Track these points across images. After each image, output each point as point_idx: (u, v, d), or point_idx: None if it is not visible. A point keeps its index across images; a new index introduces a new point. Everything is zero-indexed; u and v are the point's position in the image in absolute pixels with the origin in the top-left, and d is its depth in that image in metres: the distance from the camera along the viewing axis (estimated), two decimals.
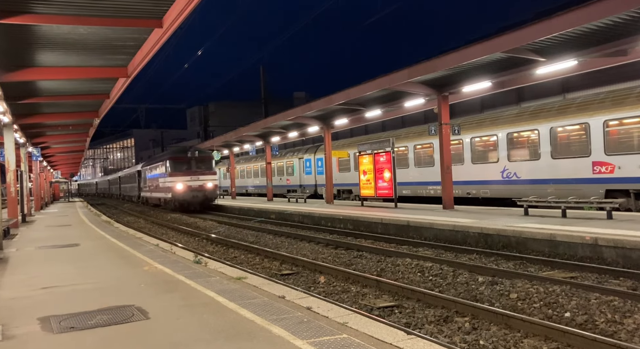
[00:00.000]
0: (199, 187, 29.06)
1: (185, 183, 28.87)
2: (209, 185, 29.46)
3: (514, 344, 5.58)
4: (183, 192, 28.71)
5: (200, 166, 29.83)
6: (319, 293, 8.27)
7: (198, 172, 29.47)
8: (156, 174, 33.64)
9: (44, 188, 40.19)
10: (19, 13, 9.30)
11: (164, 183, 30.91)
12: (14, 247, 12.49)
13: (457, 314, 6.71)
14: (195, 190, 28.90)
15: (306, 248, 13.20)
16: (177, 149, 32.38)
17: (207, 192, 29.21)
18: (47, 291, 7.09)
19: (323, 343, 4.35)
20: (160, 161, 32.32)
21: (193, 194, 28.77)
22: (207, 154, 31.06)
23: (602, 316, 6.25)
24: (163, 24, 10.35)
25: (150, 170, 36.25)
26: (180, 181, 28.90)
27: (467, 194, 20.23)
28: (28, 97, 16.35)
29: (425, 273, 9.26)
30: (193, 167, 29.61)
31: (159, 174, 32.36)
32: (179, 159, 29.89)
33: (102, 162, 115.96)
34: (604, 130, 15.21)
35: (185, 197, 28.71)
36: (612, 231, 10.18)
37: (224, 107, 75.98)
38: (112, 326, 5.15)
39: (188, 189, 28.78)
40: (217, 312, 5.55)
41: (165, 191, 30.63)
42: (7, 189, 18.86)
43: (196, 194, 28.85)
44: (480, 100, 26.49)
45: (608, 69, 14.63)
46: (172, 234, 18.75)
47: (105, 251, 11.31)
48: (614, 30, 11.49)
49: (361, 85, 18.42)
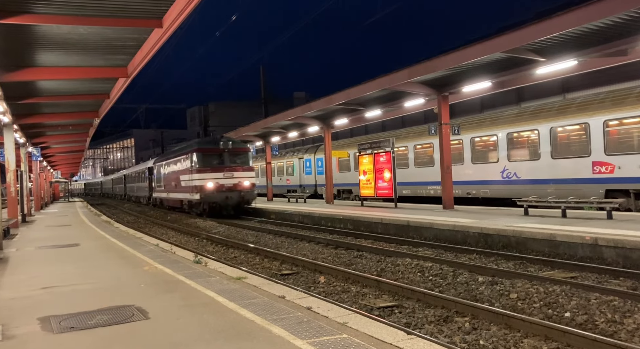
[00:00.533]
0: (233, 187, 23.65)
1: (216, 181, 23.45)
2: (246, 183, 23.96)
3: (514, 344, 5.58)
4: (214, 192, 23.35)
5: (235, 159, 24.33)
6: (319, 293, 8.27)
7: (232, 167, 24.01)
8: (175, 170, 28.02)
9: (44, 188, 40.19)
10: (18, 13, 9.29)
11: (188, 181, 25.11)
12: (14, 247, 12.49)
13: (457, 314, 6.71)
14: (229, 190, 23.55)
15: (306, 248, 13.20)
16: (205, 139, 26.99)
17: (243, 192, 23.76)
18: (47, 291, 7.09)
19: (323, 343, 4.35)
20: (183, 154, 26.51)
21: (226, 194, 23.40)
22: (243, 146, 25.63)
23: (602, 316, 6.25)
24: (163, 24, 10.35)
25: (167, 166, 30.51)
26: (211, 179, 23.44)
27: (467, 194, 20.23)
28: (28, 97, 16.35)
29: (425, 272, 9.26)
30: (226, 161, 24.06)
31: (181, 171, 26.55)
32: (209, 151, 24.27)
33: (102, 162, 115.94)
34: (604, 130, 15.21)
35: (217, 199, 23.30)
36: (612, 231, 10.18)
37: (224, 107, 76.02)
38: (112, 326, 5.15)
39: (220, 189, 23.41)
40: (217, 312, 5.55)
41: (189, 191, 24.93)
42: (7, 189, 18.86)
43: (230, 195, 23.43)
44: (480, 100, 26.49)
45: (608, 69, 14.63)
46: (172, 234, 18.75)
47: (105, 251, 11.31)
48: (613, 30, 11.49)
49: (361, 85, 18.43)
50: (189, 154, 25.02)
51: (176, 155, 28.59)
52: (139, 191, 43.86)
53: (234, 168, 24.08)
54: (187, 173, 25.19)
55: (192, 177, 24.51)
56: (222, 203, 23.40)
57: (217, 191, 23.40)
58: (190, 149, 25.28)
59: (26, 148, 23.97)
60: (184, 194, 26.19)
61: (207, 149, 24.56)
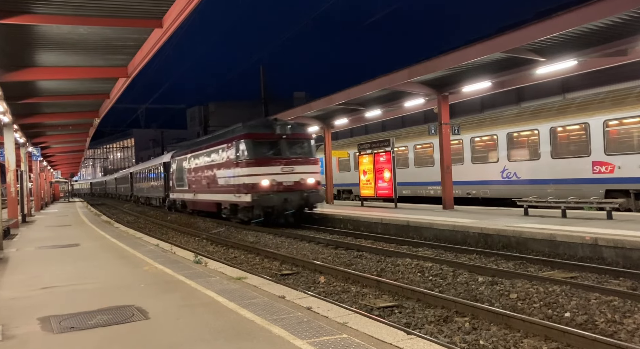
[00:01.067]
0: (294, 185, 17.98)
1: (273, 178, 17.69)
2: (310, 181, 18.30)
3: (514, 344, 5.58)
4: (270, 193, 17.53)
5: (295, 149, 18.68)
6: (319, 293, 8.27)
7: (292, 160, 18.25)
8: (209, 164, 22.10)
9: (44, 188, 40.19)
10: (18, 13, 9.29)
11: (231, 179, 19.26)
12: (14, 247, 12.49)
13: (457, 314, 6.71)
14: (288, 190, 17.80)
15: (306, 248, 13.20)
16: (254, 122, 20.04)
17: (306, 192, 17.99)
18: (47, 291, 7.09)
19: (323, 343, 4.35)
20: (222, 142, 20.55)
21: (285, 196, 17.50)
22: (304, 131, 19.92)
23: (602, 316, 6.25)
24: (163, 24, 10.35)
25: (194, 159, 24.35)
26: (266, 175, 17.70)
27: (467, 194, 20.23)
28: (28, 97, 16.35)
29: (425, 272, 9.26)
30: (284, 151, 18.32)
31: (219, 164, 20.69)
32: (261, 137, 18.43)
33: (102, 162, 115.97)
34: (604, 130, 15.21)
35: (274, 202, 17.39)
36: (612, 231, 10.18)
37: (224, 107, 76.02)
38: (112, 326, 5.15)
39: (278, 189, 17.70)
40: (217, 312, 5.55)
41: (233, 191, 19.02)
42: (7, 189, 18.87)
43: (290, 197, 17.56)
44: (480, 100, 26.51)
45: (608, 69, 14.64)
46: (172, 234, 18.75)
47: (106, 251, 11.31)
48: (613, 30, 11.49)
49: (361, 85, 18.43)
50: (233, 141, 19.02)
51: (210, 144, 22.21)
52: (150, 191, 37.52)
53: (294, 161, 18.24)
54: (230, 167, 19.32)
55: (238, 172, 18.57)
56: (280, 207, 17.48)
57: (274, 191, 17.61)
58: (235, 134, 19.24)
59: (26, 148, 23.97)
60: (224, 196, 20.05)
61: (260, 135, 18.42)
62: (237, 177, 18.62)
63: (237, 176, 18.66)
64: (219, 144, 20.84)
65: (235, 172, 18.86)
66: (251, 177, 17.86)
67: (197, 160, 24.06)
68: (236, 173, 18.74)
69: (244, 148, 18.36)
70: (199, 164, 23.62)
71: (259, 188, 17.64)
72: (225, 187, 19.99)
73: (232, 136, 19.59)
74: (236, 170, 18.75)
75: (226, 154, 19.85)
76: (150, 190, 37.54)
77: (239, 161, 18.59)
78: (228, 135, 20.41)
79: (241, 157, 18.46)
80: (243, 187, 18.14)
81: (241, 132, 18.91)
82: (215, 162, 21.29)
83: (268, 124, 19.04)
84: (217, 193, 21.01)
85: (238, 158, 18.64)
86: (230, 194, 19.43)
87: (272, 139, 18.43)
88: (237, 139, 18.87)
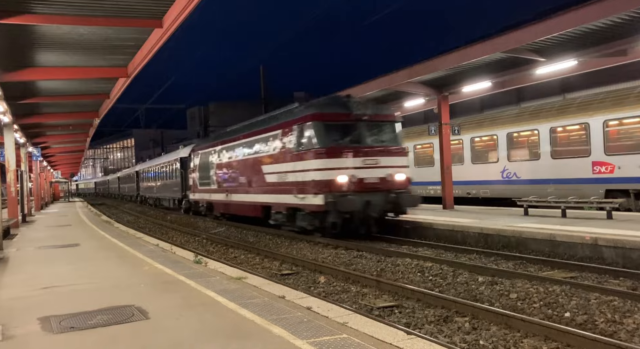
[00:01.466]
0: (380, 183, 13.57)
1: (352, 174, 13.28)
2: (399, 178, 13.87)
3: (514, 344, 5.58)
4: (348, 193, 13.06)
5: (379, 135, 14.19)
6: (319, 293, 8.27)
7: (376, 149, 13.82)
8: (251, 156, 17.52)
9: (44, 188, 40.19)
10: (19, 13, 9.29)
11: (288, 175, 14.76)
12: (14, 247, 12.49)
13: (457, 314, 6.71)
14: (372, 189, 13.41)
15: (306, 248, 13.20)
16: (325, 100, 15.43)
17: (394, 193, 13.52)
18: (47, 291, 7.09)
19: (323, 343, 4.35)
20: (274, 128, 15.87)
21: (369, 198, 13.10)
22: (387, 111, 15.06)
23: (602, 316, 6.25)
24: (163, 24, 10.35)
25: (226, 152, 19.90)
26: (342, 170, 13.28)
27: (467, 194, 20.23)
28: (28, 97, 16.35)
29: (425, 272, 9.26)
30: (364, 138, 13.82)
31: (268, 156, 16.07)
32: (335, 118, 13.85)
33: (102, 162, 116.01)
34: (604, 130, 15.22)
35: (355, 205, 12.88)
36: (612, 231, 10.18)
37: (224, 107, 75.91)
38: (112, 326, 5.15)
39: (357, 187, 13.24)
40: (217, 312, 5.55)
41: (292, 192, 14.42)
42: (7, 189, 18.86)
43: (375, 199, 13.17)
44: (480, 100, 26.49)
45: (608, 69, 14.64)
46: (172, 234, 18.75)
47: (106, 251, 11.31)
48: (614, 30, 11.49)
49: (361, 85, 18.43)
50: (293, 125, 14.38)
51: (252, 132, 17.74)
52: (162, 191, 32.83)
53: (378, 150, 13.70)
54: (287, 159, 14.75)
55: (301, 166, 13.91)
56: (362, 213, 13.03)
57: (353, 191, 13.01)
58: (295, 116, 14.63)
59: (26, 148, 23.97)
60: (276, 197, 15.44)
61: (334, 116, 13.75)
62: (300, 173, 13.98)
63: (299, 171, 14.04)
64: (268, 131, 16.30)
65: (296, 166, 14.25)
66: (324, 172, 13.19)
67: (231, 152, 19.62)
68: (298, 167, 14.10)
69: (311, 134, 13.59)
70: (235, 158, 19.08)
71: (334, 187, 13.00)
72: (277, 186, 15.41)
73: (291, 119, 14.84)
74: (298, 163, 14.10)
75: (280, 143, 15.29)
76: (162, 190, 32.79)
77: (302, 150, 13.94)
78: (282, 118, 15.76)
79: (307, 145, 13.75)
80: (311, 185, 13.46)
81: (306, 112, 14.13)
82: (261, 154, 16.70)
83: (342, 102, 14.32)
84: (264, 193, 16.36)
85: (301, 147, 14.00)
86: (286, 195, 14.73)
87: (348, 121, 13.69)
88: (299, 122, 14.11)
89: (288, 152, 14.82)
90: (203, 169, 23.22)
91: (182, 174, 27.56)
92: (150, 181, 37.99)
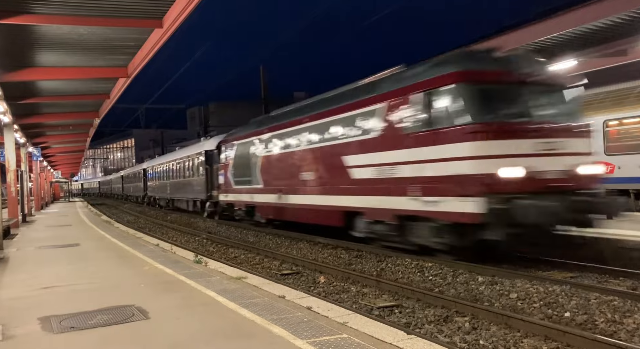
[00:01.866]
0: (562, 179, 8.87)
1: (527, 164, 8.60)
2: (587, 170, 9.26)
3: (514, 344, 5.58)
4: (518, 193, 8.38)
5: (553, 107, 9.56)
6: (319, 292, 8.27)
7: (554, 127, 9.12)
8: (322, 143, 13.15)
9: (44, 188, 40.20)
10: (19, 13, 9.31)
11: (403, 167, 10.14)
12: (15, 247, 12.49)
13: (457, 314, 6.71)
14: (552, 188, 8.72)
15: (306, 248, 13.19)
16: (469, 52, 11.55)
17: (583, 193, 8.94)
18: (47, 291, 7.10)
19: (323, 343, 4.36)
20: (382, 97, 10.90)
21: (549, 203, 8.20)
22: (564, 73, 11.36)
23: (602, 316, 6.25)
24: (163, 24, 10.36)
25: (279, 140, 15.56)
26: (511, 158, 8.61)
27: None
28: (28, 97, 16.37)
29: (425, 272, 9.26)
30: (535, 110, 9.24)
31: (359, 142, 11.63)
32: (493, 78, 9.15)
33: (102, 162, 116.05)
34: (604, 130, 15.20)
35: (533, 214, 8.07)
36: (612, 231, 10.16)
37: (224, 107, 75.95)
38: (112, 326, 5.15)
39: (533, 185, 8.58)
40: (217, 312, 5.56)
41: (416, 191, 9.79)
42: (7, 189, 18.87)
43: (556, 205, 8.25)
44: None
45: (608, 69, 14.62)
46: (173, 233, 18.75)
47: (106, 251, 11.32)
48: (614, 30, 11.48)
49: None
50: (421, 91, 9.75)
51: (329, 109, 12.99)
52: (177, 190, 28.78)
53: (555, 130, 9.22)
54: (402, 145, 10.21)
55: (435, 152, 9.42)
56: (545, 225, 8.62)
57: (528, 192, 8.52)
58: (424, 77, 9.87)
59: (26, 148, 23.99)
60: (380, 200, 10.95)
61: (491, 74, 9.26)
62: (429, 165, 9.49)
63: (426, 162, 9.58)
64: (357, 107, 11.64)
65: (417, 153, 9.79)
66: (479, 163, 8.69)
67: (288, 141, 14.97)
68: (423, 155, 9.65)
69: (456, 103, 9.10)
70: (296, 147, 14.48)
71: (498, 185, 8.56)
72: (375, 185, 11.04)
73: (407, 85, 10.21)
74: (424, 150, 9.63)
75: (382, 122, 10.75)
76: (178, 190, 28.21)
77: (435, 129, 9.39)
78: (385, 86, 11.04)
79: (444, 121, 9.24)
80: (453, 182, 9.03)
81: (442, 71, 9.46)
82: (344, 140, 12.14)
83: (495, 57, 9.71)
84: (349, 194, 11.97)
85: (432, 125, 9.46)
86: (394, 198, 10.44)
87: (512, 83, 9.22)
88: (429, 87, 9.57)
89: (401, 134, 10.19)
90: (240, 164, 18.65)
91: (208, 170, 23.17)
92: (161, 180, 33.28)
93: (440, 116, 9.37)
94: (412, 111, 9.94)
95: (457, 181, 8.94)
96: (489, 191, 8.49)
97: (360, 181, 11.58)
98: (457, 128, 8.99)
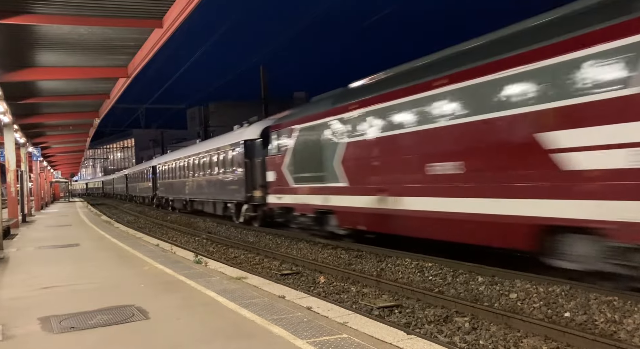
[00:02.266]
0: None
1: None
2: None
3: (514, 344, 5.58)
4: None
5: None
6: (319, 293, 8.28)
7: None
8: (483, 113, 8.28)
9: (44, 188, 40.20)
10: (19, 13, 9.30)
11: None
12: (15, 247, 12.50)
13: (457, 314, 6.72)
14: None
15: (306, 248, 13.19)
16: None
17: None
18: (47, 291, 7.10)
19: (323, 343, 4.36)
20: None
21: None
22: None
23: (602, 316, 6.25)
24: (163, 24, 10.35)
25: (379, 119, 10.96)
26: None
27: None
28: (28, 97, 16.35)
29: (425, 272, 9.26)
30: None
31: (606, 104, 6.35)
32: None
33: (102, 162, 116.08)
34: None
35: None
36: None
37: (224, 107, 75.95)
38: (112, 326, 5.15)
39: None
40: (217, 312, 5.56)
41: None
42: (7, 189, 18.87)
43: None
44: None
45: None
46: (173, 234, 18.76)
47: (106, 251, 11.32)
48: None
49: None
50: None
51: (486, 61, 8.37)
52: (200, 191, 24.60)
53: None
54: None
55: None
56: None
57: None
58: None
59: (26, 148, 23.99)
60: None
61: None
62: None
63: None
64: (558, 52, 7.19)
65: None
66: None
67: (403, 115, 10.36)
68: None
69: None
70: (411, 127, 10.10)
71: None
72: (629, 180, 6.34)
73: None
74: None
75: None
76: (203, 190, 24.00)
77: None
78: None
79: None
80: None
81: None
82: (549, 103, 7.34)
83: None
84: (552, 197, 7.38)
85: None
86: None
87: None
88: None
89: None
90: (306, 156, 14.22)
91: (248, 165, 18.49)
92: (177, 178, 28.62)
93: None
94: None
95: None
96: None
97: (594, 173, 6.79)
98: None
